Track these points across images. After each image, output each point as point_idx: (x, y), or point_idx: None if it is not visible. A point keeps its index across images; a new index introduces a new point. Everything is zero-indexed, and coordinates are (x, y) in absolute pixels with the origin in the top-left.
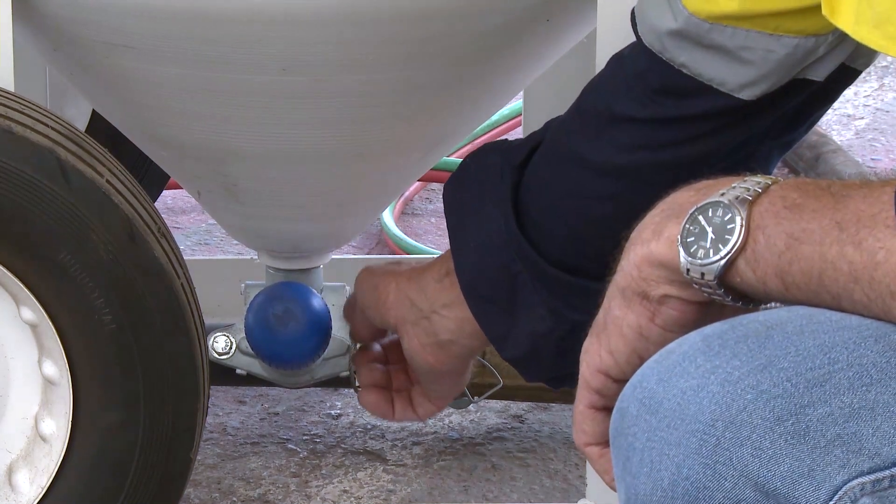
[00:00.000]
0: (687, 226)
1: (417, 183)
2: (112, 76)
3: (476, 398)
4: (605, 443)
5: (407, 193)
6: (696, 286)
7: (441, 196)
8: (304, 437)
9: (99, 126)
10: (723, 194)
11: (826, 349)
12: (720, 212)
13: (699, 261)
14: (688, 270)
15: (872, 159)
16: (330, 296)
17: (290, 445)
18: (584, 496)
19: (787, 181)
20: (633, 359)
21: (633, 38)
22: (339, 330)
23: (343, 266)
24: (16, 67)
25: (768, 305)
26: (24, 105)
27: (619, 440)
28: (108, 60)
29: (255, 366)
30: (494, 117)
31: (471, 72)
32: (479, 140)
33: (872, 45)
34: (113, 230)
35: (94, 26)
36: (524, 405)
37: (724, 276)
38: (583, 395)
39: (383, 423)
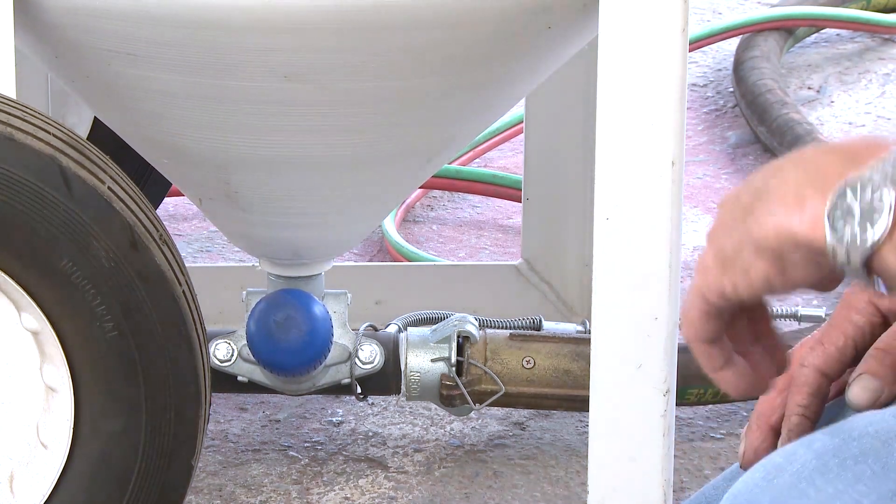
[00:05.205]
0: (834, 200)
1: (419, 190)
2: (113, 83)
3: (477, 405)
4: (709, 341)
5: (409, 201)
6: (839, 266)
7: (442, 204)
8: (306, 445)
9: (100, 133)
10: (872, 168)
11: None
12: (869, 189)
13: (846, 242)
14: (834, 250)
15: None
16: (331, 303)
17: (291, 452)
18: None
19: None
20: (756, 294)
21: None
22: (341, 337)
23: (344, 273)
24: (17, 75)
25: None
26: (25, 112)
27: None
28: (109, 67)
29: (257, 373)
30: (496, 125)
31: (473, 80)
32: (480, 148)
33: None
34: (114, 237)
35: (96, 33)
36: (525, 412)
37: (869, 258)
38: (696, 302)
39: (385, 431)
